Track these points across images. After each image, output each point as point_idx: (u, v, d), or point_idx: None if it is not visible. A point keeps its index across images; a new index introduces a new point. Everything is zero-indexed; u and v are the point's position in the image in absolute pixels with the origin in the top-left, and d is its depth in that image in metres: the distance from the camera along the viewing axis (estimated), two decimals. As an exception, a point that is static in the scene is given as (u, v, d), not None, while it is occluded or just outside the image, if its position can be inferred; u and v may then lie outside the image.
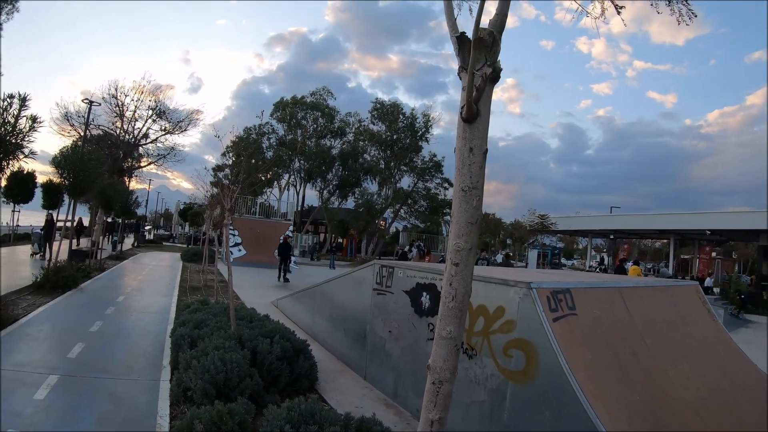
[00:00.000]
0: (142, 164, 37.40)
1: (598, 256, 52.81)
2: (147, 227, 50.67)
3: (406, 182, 41.45)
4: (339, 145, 41.01)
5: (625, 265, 19.43)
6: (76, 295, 10.12)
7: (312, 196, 44.07)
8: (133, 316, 8.74)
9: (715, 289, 24.69)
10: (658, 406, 3.77)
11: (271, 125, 40.15)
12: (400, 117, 39.38)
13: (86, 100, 26.19)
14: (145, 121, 34.59)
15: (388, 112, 39.56)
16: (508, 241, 51.54)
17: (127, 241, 29.64)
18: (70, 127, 31.20)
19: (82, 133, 27.50)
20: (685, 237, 32.85)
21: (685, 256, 39.04)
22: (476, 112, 2.36)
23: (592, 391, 3.44)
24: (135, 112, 33.91)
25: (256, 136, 38.96)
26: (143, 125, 34.68)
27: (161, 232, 56.47)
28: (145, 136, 35.08)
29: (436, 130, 62.21)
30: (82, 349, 6.25)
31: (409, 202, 41.74)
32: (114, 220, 24.37)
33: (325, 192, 41.04)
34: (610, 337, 4.15)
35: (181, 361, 5.16)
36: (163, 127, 35.28)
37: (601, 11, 2.95)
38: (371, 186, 41.32)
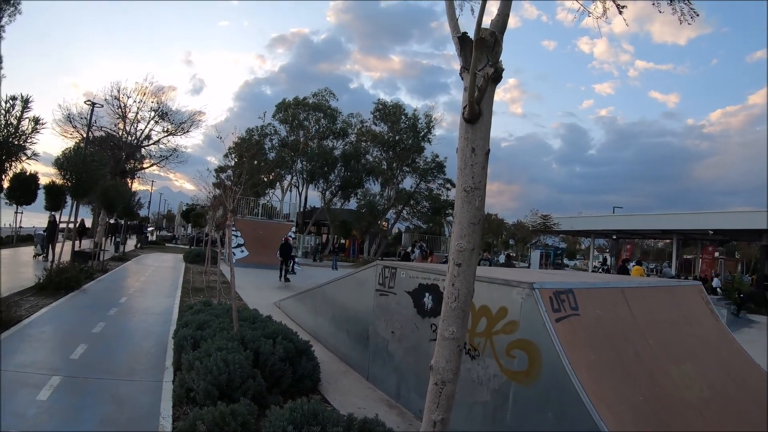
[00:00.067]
0: (145, 166, 37.58)
1: (601, 257, 52.64)
2: (150, 229, 50.72)
3: (408, 183, 41.54)
4: (341, 146, 41.11)
5: (628, 265, 19.42)
6: (78, 297, 10.13)
7: (314, 197, 44.11)
8: (136, 317, 8.74)
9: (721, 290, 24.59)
10: (662, 407, 3.76)
11: (274, 126, 40.31)
12: (402, 118, 39.43)
13: (89, 102, 26.36)
14: (148, 123, 34.76)
15: (390, 112, 39.60)
16: (511, 242, 51.49)
17: (130, 242, 29.70)
18: (73, 129, 31.34)
19: (85, 135, 27.63)
20: (688, 237, 32.75)
21: (688, 257, 38.90)
22: (478, 113, 2.36)
23: (595, 392, 3.43)
24: (137, 113, 34.10)
25: (258, 137, 39.05)
26: (146, 127, 34.86)
27: (164, 233, 56.54)
28: (148, 137, 35.24)
29: (439, 131, 62.33)
30: (85, 350, 6.25)
31: (412, 202, 41.76)
32: (117, 222, 24.42)
33: (328, 193, 41.12)
34: (612, 338, 4.14)
35: (184, 362, 5.17)
36: (166, 129, 35.45)
37: (603, 11, 2.95)
38: (373, 187, 41.48)
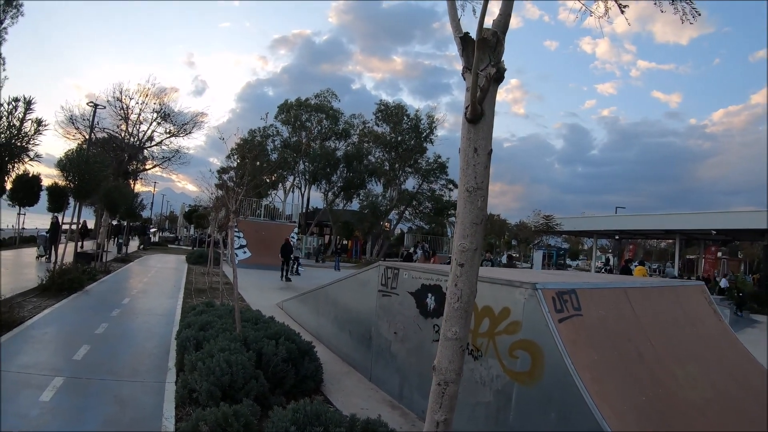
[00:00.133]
0: (147, 167, 37.65)
1: (604, 257, 52.56)
2: (152, 230, 50.79)
3: (410, 184, 41.55)
4: (344, 147, 41.12)
5: (631, 265, 19.42)
6: (81, 298, 10.15)
7: (317, 198, 44.14)
8: (139, 318, 8.76)
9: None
10: (664, 407, 3.75)
11: (276, 127, 40.32)
12: (405, 118, 39.45)
13: (91, 104, 26.44)
14: (150, 124, 34.84)
15: (392, 113, 39.62)
16: (514, 242, 51.44)
17: (133, 243, 29.75)
18: (75, 130, 31.45)
19: (87, 136, 27.70)
20: (691, 237, 32.69)
21: (691, 257, 38.87)
22: (481, 113, 2.36)
23: (598, 392, 3.43)
24: (140, 115, 34.19)
25: (260, 139, 39.06)
26: (148, 128, 34.94)
27: (166, 234, 56.60)
28: (150, 138, 35.32)
29: (441, 132, 62.32)
30: (88, 351, 6.27)
31: (414, 203, 41.75)
32: (119, 223, 24.50)
33: (330, 194, 41.13)
34: (615, 338, 4.13)
35: (187, 362, 5.17)
36: (168, 130, 35.52)
37: (605, 10, 2.94)
38: (376, 188, 41.49)
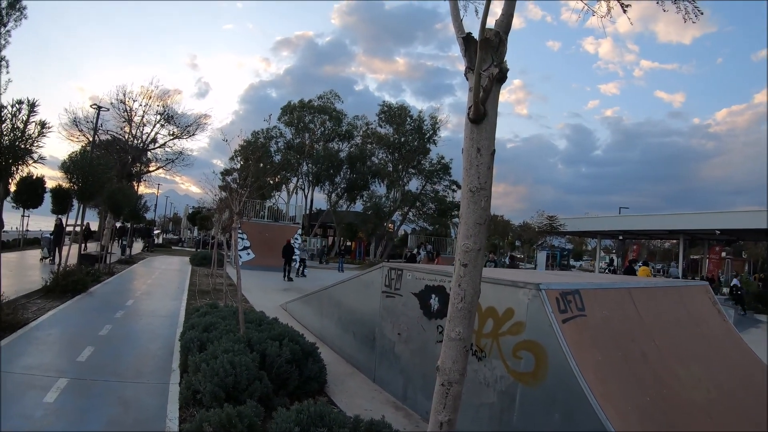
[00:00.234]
0: (151, 169, 37.74)
1: (607, 257, 52.43)
2: (156, 231, 50.93)
3: (414, 185, 41.60)
4: (347, 148, 41.16)
5: (635, 266, 19.32)
6: (85, 299, 10.19)
7: (320, 200, 44.24)
8: (143, 320, 8.78)
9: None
10: (669, 407, 3.74)
11: (279, 129, 40.41)
12: (408, 119, 39.50)
13: (94, 106, 26.51)
14: (154, 126, 34.94)
15: (395, 114, 39.67)
16: (517, 243, 51.35)
17: (137, 245, 29.83)
18: (79, 133, 31.59)
19: (91, 138, 27.80)
20: (695, 237, 32.50)
21: (695, 257, 38.68)
22: (483, 113, 2.36)
23: (602, 393, 3.42)
24: (143, 117, 34.28)
25: (264, 140, 39.17)
26: (151, 130, 35.04)
27: (170, 236, 56.72)
28: (154, 140, 35.42)
29: (444, 132, 62.15)
30: (92, 352, 6.28)
31: (418, 204, 41.76)
32: (123, 225, 24.60)
33: (334, 195, 41.20)
34: (619, 338, 4.12)
35: (191, 364, 5.18)
36: (171, 132, 35.61)
37: (607, 10, 2.94)
38: (379, 189, 41.53)
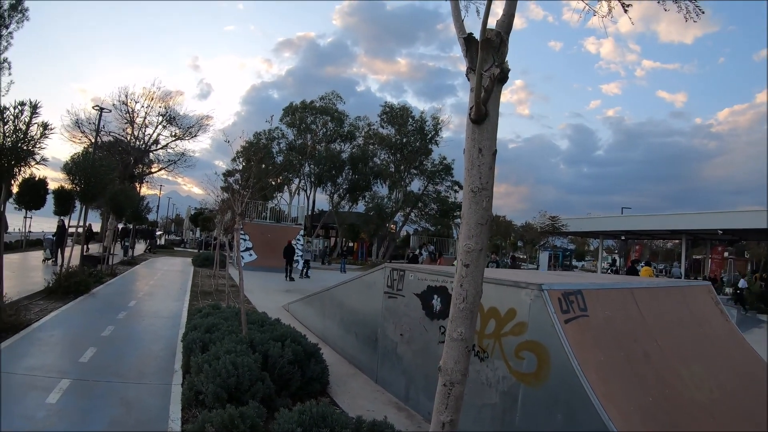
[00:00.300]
0: (153, 170, 37.70)
1: (610, 258, 52.29)
2: (158, 233, 51.02)
3: (416, 185, 41.55)
4: (349, 149, 41.10)
5: (637, 266, 19.31)
6: (88, 300, 10.21)
7: (322, 201, 44.20)
8: (145, 321, 8.79)
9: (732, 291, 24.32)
10: (671, 407, 3.73)
11: (281, 130, 40.35)
12: (410, 120, 39.50)
13: (96, 107, 26.54)
14: (156, 128, 34.88)
15: (397, 115, 39.67)
16: (519, 244, 51.28)
17: (139, 246, 29.87)
18: (81, 134, 31.52)
19: (93, 140, 27.83)
20: (697, 237, 32.39)
21: (697, 257, 38.54)
22: (485, 113, 2.36)
23: (605, 393, 3.41)
24: (145, 118, 34.21)
25: (265, 141, 39.14)
26: (153, 131, 34.98)
27: (172, 237, 56.79)
28: (156, 142, 35.36)
29: (446, 133, 62.13)
30: (94, 353, 6.29)
31: (420, 205, 41.74)
32: (126, 226, 24.64)
33: (336, 196, 41.14)
34: (622, 338, 4.11)
35: (193, 365, 5.19)
36: (174, 133, 35.52)
37: (609, 10, 2.94)
38: (381, 189, 41.47)
